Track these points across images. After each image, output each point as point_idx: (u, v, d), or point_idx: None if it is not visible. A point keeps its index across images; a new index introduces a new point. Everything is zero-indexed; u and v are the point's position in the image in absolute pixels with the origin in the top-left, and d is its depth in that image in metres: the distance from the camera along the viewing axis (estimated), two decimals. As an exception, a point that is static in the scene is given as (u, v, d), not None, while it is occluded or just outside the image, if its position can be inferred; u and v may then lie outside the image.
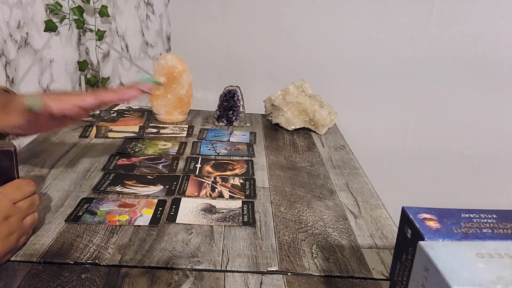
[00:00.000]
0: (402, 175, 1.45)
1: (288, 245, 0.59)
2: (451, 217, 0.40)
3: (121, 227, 0.61)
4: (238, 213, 0.67)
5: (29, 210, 0.54)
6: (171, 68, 1.01)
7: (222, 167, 0.83)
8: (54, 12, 1.11)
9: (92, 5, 1.20)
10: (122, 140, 0.93)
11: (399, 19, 1.28)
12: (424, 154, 1.41)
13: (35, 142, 0.89)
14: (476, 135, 1.37)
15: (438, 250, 0.35)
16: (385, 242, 0.62)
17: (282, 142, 0.99)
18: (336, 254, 0.58)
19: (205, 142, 0.95)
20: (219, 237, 0.60)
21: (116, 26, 1.29)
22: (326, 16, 1.30)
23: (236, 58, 1.36)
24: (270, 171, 0.83)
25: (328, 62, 1.34)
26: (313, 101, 1.05)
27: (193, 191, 0.73)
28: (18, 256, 0.53)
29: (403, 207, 0.42)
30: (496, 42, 1.27)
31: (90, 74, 1.28)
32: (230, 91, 1.06)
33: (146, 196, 0.70)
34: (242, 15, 1.32)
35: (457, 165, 1.41)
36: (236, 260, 0.56)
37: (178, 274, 0.53)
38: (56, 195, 0.69)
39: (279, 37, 1.33)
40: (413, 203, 0.44)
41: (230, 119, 1.08)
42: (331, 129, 1.09)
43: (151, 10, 1.33)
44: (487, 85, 1.31)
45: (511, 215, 0.41)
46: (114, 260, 0.54)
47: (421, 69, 1.32)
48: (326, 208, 0.70)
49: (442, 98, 1.35)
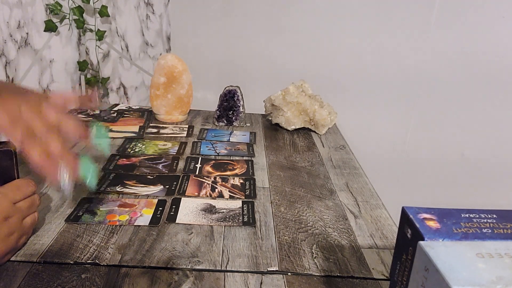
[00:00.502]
0: (402, 175, 1.45)
1: (288, 245, 0.59)
2: (451, 217, 0.40)
3: (121, 227, 0.61)
4: (238, 213, 0.67)
5: (29, 210, 0.54)
6: (171, 68, 1.01)
7: (222, 167, 0.83)
8: (54, 12, 1.11)
9: (92, 5, 1.20)
10: (122, 140, 0.93)
11: (399, 19, 1.28)
12: (424, 154, 1.42)
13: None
14: (476, 135, 1.37)
15: (438, 250, 0.35)
16: (385, 242, 0.62)
17: (282, 142, 0.99)
18: (336, 254, 0.58)
19: (205, 142, 0.95)
20: (219, 237, 0.60)
21: (116, 26, 1.29)
22: (326, 16, 1.30)
23: (236, 58, 1.36)
24: (270, 171, 0.83)
25: (328, 62, 1.35)
26: (313, 101, 1.05)
27: (193, 191, 0.73)
28: (18, 256, 0.53)
29: (403, 207, 0.42)
30: (496, 42, 1.27)
31: (90, 74, 1.28)
32: (230, 91, 1.06)
33: (146, 196, 0.70)
34: (242, 15, 1.32)
35: (457, 165, 1.41)
36: (236, 260, 0.56)
37: (178, 274, 0.53)
38: (56, 195, 0.69)
39: (279, 37, 1.33)
40: (413, 203, 0.44)
41: (230, 119, 1.08)
42: (331, 129, 1.09)
43: (151, 10, 1.33)
44: (487, 85, 1.31)
45: (511, 215, 0.41)
46: (114, 260, 0.54)
47: (421, 69, 1.32)
48: (326, 208, 0.70)
49: (442, 98, 1.35)
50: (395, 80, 1.34)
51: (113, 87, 1.35)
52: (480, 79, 1.31)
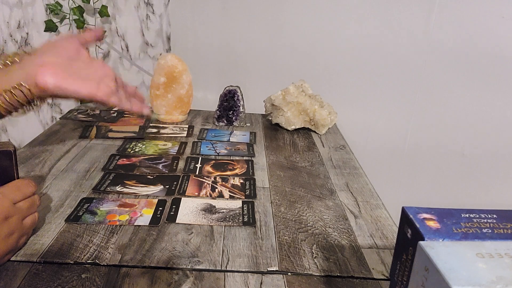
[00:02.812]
0: (402, 175, 1.45)
1: (288, 245, 0.59)
2: (451, 217, 0.40)
3: (121, 227, 0.61)
4: (238, 213, 0.67)
5: (29, 210, 0.54)
6: (171, 68, 1.01)
7: (222, 167, 0.83)
8: (54, 12, 1.11)
9: (92, 5, 1.20)
10: (122, 140, 0.93)
11: (399, 19, 1.28)
12: (424, 154, 1.41)
13: (35, 142, 0.89)
14: (476, 135, 1.37)
15: (438, 250, 0.35)
16: (385, 242, 0.62)
17: (282, 142, 0.99)
18: (336, 254, 0.58)
19: (205, 142, 0.95)
20: (219, 237, 0.60)
21: (116, 26, 1.29)
22: (326, 16, 1.30)
23: (236, 58, 1.36)
24: (270, 171, 0.83)
25: (328, 62, 1.34)
26: (313, 101, 1.05)
27: (193, 191, 0.73)
28: (18, 256, 0.53)
29: (403, 207, 0.42)
30: (496, 42, 1.27)
31: (90, 74, 1.28)
32: (230, 91, 1.06)
33: (146, 196, 0.70)
34: (242, 15, 1.32)
35: (457, 165, 1.41)
36: (236, 260, 0.56)
37: (178, 274, 0.53)
38: (56, 195, 0.69)
39: (279, 37, 1.33)
40: (413, 203, 0.44)
41: (230, 119, 1.08)
42: (331, 129, 1.09)
43: (151, 10, 1.33)
44: (487, 85, 1.31)
45: (511, 215, 0.41)
46: (114, 260, 0.54)
47: (421, 69, 1.32)
48: (326, 208, 0.70)
49: (442, 98, 1.35)
50: (395, 80, 1.34)
51: (113, 87, 1.34)
52: (481, 79, 1.31)
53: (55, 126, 0.99)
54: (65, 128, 0.98)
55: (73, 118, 1.05)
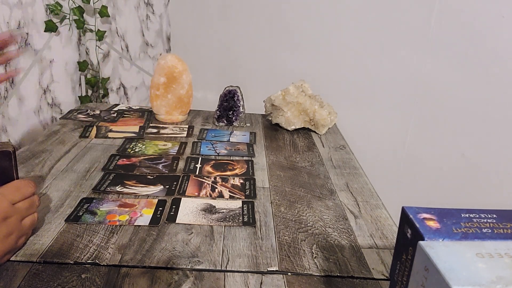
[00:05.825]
0: (402, 175, 1.45)
1: (288, 245, 0.59)
2: (451, 217, 0.40)
3: (121, 227, 0.61)
4: (238, 213, 0.67)
5: (29, 211, 0.54)
6: (171, 68, 1.01)
7: (222, 167, 0.83)
8: (54, 12, 1.11)
9: (92, 5, 1.20)
10: (122, 140, 0.93)
11: (399, 19, 1.28)
12: (424, 154, 1.41)
13: (35, 142, 0.89)
14: (476, 135, 1.37)
15: (438, 250, 0.35)
16: (385, 242, 0.62)
17: (282, 142, 0.99)
18: (336, 254, 0.58)
19: (205, 142, 0.95)
20: (219, 237, 0.60)
21: (116, 26, 1.29)
22: (326, 16, 1.30)
23: (236, 58, 1.36)
24: (270, 171, 0.83)
25: (328, 62, 1.34)
26: (313, 101, 1.05)
27: (193, 191, 0.73)
28: (18, 256, 0.53)
29: (403, 207, 0.42)
30: (496, 42, 1.26)
31: (90, 75, 1.28)
32: (230, 91, 1.06)
33: (146, 196, 0.70)
34: (242, 15, 1.32)
35: (457, 165, 1.41)
36: (236, 260, 0.55)
37: (178, 274, 0.53)
38: (56, 195, 0.69)
39: (279, 37, 1.33)
40: (413, 203, 0.44)
41: (230, 119, 1.08)
42: (331, 129, 1.09)
43: (151, 10, 1.33)
44: (487, 85, 1.31)
45: (511, 215, 0.41)
46: (114, 260, 0.54)
47: (421, 69, 1.32)
48: (326, 208, 0.70)
49: (442, 98, 1.35)
50: (395, 80, 1.34)
51: (113, 87, 1.35)
52: (481, 79, 1.31)
53: (55, 126, 0.99)
54: (65, 128, 0.98)
55: (73, 118, 1.05)
